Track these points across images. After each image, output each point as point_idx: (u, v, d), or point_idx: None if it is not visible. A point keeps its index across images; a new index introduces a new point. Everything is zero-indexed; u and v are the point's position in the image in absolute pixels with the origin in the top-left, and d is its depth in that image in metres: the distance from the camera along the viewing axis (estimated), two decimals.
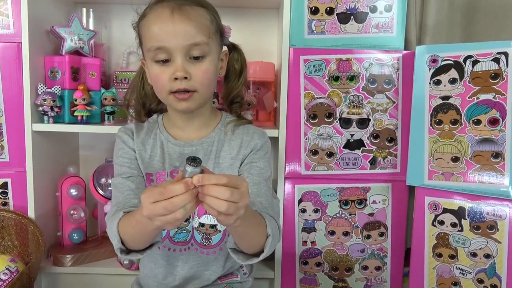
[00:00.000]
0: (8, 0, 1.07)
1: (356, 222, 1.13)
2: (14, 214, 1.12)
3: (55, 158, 1.22)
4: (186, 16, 0.78)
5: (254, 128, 0.92)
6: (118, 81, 1.26)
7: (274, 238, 0.77)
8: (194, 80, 0.80)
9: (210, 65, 0.82)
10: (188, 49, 0.79)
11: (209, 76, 0.82)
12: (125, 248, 0.76)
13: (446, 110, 1.00)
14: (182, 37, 0.78)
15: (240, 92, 0.96)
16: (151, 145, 0.89)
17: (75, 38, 1.12)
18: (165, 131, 0.91)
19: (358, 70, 1.08)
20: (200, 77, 0.80)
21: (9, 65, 1.09)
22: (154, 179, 0.89)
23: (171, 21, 0.77)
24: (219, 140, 0.89)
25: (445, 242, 1.03)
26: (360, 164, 1.11)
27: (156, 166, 0.89)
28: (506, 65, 0.94)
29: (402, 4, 1.08)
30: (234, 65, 0.93)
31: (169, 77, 0.79)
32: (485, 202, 0.98)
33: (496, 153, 0.96)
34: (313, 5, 1.08)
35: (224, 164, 0.88)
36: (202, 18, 0.80)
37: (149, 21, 0.80)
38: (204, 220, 0.88)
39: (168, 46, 0.78)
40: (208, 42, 0.80)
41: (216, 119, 0.92)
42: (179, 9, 0.78)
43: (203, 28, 0.80)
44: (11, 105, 1.10)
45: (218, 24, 0.85)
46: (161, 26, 0.78)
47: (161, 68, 0.80)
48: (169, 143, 0.89)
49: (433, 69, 1.01)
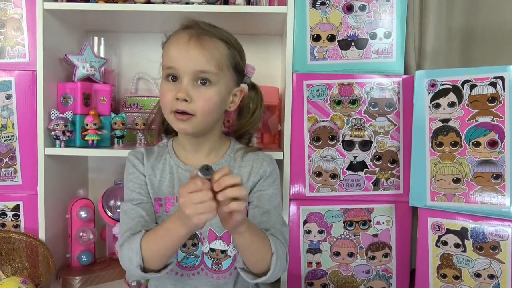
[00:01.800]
0: (24, 31, 1.13)
1: (360, 243, 1.14)
2: (25, 236, 1.14)
3: (65, 181, 1.26)
4: (201, 44, 0.83)
5: (263, 155, 0.95)
6: (128, 106, 1.30)
7: (279, 257, 0.80)
8: (194, 104, 0.83)
9: (215, 94, 0.85)
10: (195, 74, 0.83)
11: (211, 105, 0.85)
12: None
13: (446, 133, 1.03)
14: (192, 62, 0.83)
15: (251, 130, 0.99)
16: (161, 170, 0.92)
17: (87, 65, 1.17)
18: (175, 155, 0.93)
19: (359, 94, 1.11)
20: (200, 102, 0.83)
21: (24, 92, 1.13)
22: (163, 203, 0.91)
23: (186, 47, 0.83)
24: (229, 166, 0.90)
25: (449, 262, 1.04)
26: (364, 185, 1.13)
27: (165, 190, 0.91)
28: (502, 89, 0.97)
29: (401, 30, 1.12)
30: (250, 104, 0.97)
31: (173, 96, 0.84)
32: (487, 222, 0.99)
33: (496, 174, 0.98)
34: (315, 33, 1.12)
35: None
36: (216, 50, 0.85)
37: (169, 43, 0.87)
38: (214, 246, 0.90)
39: (178, 68, 0.84)
40: (217, 73, 0.84)
41: (225, 146, 0.95)
42: (197, 37, 0.84)
43: (215, 59, 0.84)
44: (24, 130, 1.15)
45: (236, 60, 0.89)
46: (177, 49, 0.85)
47: (168, 86, 0.85)
48: (179, 168, 0.92)
49: (432, 93, 1.04)
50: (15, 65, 1.14)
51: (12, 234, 1.14)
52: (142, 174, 0.91)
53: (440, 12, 1.16)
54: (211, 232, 0.90)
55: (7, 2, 1.13)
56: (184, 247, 0.91)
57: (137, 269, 0.78)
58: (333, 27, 1.12)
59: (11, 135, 1.15)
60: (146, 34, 1.36)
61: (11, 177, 1.16)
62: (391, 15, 1.12)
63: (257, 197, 0.91)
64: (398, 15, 1.12)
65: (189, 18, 0.90)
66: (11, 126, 1.14)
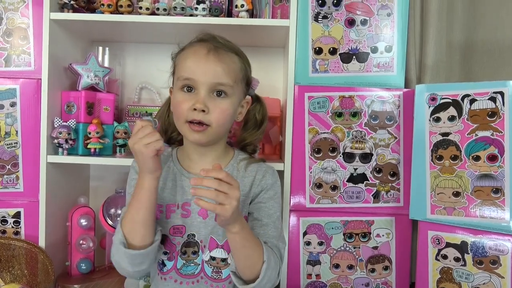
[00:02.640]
0: (31, 40, 1.15)
1: (360, 255, 1.14)
2: (25, 243, 1.14)
3: (66, 188, 1.26)
4: (219, 58, 0.86)
5: (266, 166, 0.96)
6: (130, 115, 1.32)
7: (270, 268, 0.82)
8: (210, 115, 0.85)
9: (230, 106, 0.88)
10: (213, 86, 0.86)
11: (226, 116, 0.87)
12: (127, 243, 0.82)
13: (446, 146, 1.04)
14: (211, 74, 0.85)
15: (255, 141, 1.00)
16: (164, 177, 0.93)
17: (91, 75, 1.18)
18: (179, 163, 0.94)
19: (360, 106, 1.12)
20: (217, 113, 0.86)
21: (28, 100, 1.15)
22: (163, 210, 0.92)
23: (205, 59, 0.86)
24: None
25: (449, 276, 1.03)
26: (364, 197, 1.13)
27: (166, 198, 0.92)
28: (502, 104, 0.97)
29: (402, 45, 1.14)
30: (256, 115, 0.99)
31: (189, 106, 0.85)
32: (487, 236, 0.99)
33: (496, 188, 0.98)
34: (317, 46, 1.14)
35: None
36: (233, 63, 0.89)
37: (187, 54, 0.89)
38: (215, 254, 0.91)
39: (196, 79, 0.85)
40: (233, 85, 0.88)
41: (229, 156, 0.96)
42: (215, 50, 0.87)
43: (231, 72, 0.87)
44: (28, 138, 1.15)
45: (247, 73, 0.93)
46: (195, 61, 0.86)
47: (184, 96, 0.87)
48: (182, 176, 0.93)
49: (432, 107, 1.05)
50: (20, 73, 1.15)
51: (12, 241, 1.15)
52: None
53: (440, 27, 1.18)
54: (212, 240, 0.91)
55: (15, 12, 1.15)
56: (184, 254, 0.92)
57: (120, 246, 0.81)
58: (334, 40, 1.14)
59: (15, 142, 1.16)
60: (150, 44, 1.38)
61: (13, 184, 1.16)
62: (392, 29, 1.13)
63: (256, 209, 0.92)
64: (399, 29, 1.13)
65: (205, 31, 0.93)
66: (15, 133, 1.15)
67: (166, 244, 0.92)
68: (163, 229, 0.91)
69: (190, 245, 0.92)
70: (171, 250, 0.92)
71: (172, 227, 0.92)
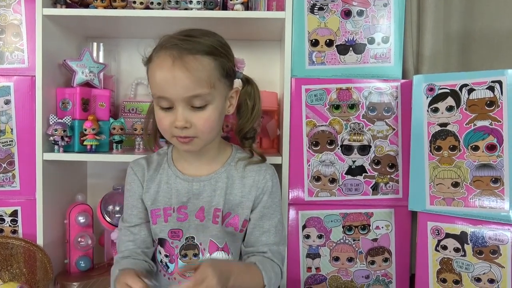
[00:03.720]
0: (24, 36, 1.13)
1: (360, 247, 1.14)
2: (23, 242, 1.14)
3: (63, 186, 1.25)
4: (186, 67, 0.78)
5: (266, 167, 0.93)
6: (126, 111, 1.31)
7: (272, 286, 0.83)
8: (194, 128, 0.81)
9: (213, 112, 0.82)
10: (188, 100, 0.80)
11: (211, 123, 0.83)
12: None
13: (445, 137, 1.03)
14: (181, 88, 0.79)
15: (254, 127, 0.95)
16: (158, 181, 0.91)
17: (86, 71, 1.17)
18: (173, 165, 0.92)
19: (358, 98, 1.12)
20: (201, 125, 0.81)
21: (23, 97, 1.14)
22: (161, 214, 0.90)
23: (171, 72, 0.78)
24: (229, 176, 0.90)
25: (449, 267, 1.03)
26: (363, 190, 1.13)
27: (162, 201, 0.91)
28: (500, 93, 0.97)
29: (399, 35, 1.13)
30: (247, 100, 0.92)
31: (170, 122, 0.82)
32: (487, 226, 0.99)
33: (495, 178, 0.98)
34: (313, 38, 1.13)
35: (234, 202, 0.90)
36: (203, 69, 0.80)
37: (153, 68, 0.82)
38: (215, 256, 0.90)
39: (169, 97, 0.80)
40: (210, 91, 0.81)
41: (225, 154, 0.93)
42: (180, 59, 0.79)
43: (204, 80, 0.80)
44: (23, 135, 1.15)
45: (226, 67, 0.84)
46: (162, 76, 0.80)
47: (164, 114, 0.83)
48: (177, 178, 0.91)
49: (430, 97, 1.05)
50: (14, 70, 1.14)
51: (10, 240, 1.14)
52: (138, 193, 0.92)
53: (437, 17, 1.17)
54: (212, 243, 0.90)
55: (7, 8, 1.13)
56: (185, 257, 0.91)
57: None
58: (331, 32, 1.13)
59: (10, 140, 1.15)
60: (145, 40, 1.36)
61: (9, 182, 1.15)
62: (389, 20, 1.12)
63: (258, 216, 0.90)
64: (396, 20, 1.12)
65: (165, 36, 0.84)
66: (10, 131, 1.14)
67: (166, 248, 0.92)
68: (162, 232, 0.91)
69: (190, 247, 0.90)
70: (170, 253, 0.92)
71: (170, 230, 0.90)
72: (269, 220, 0.90)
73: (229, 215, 0.90)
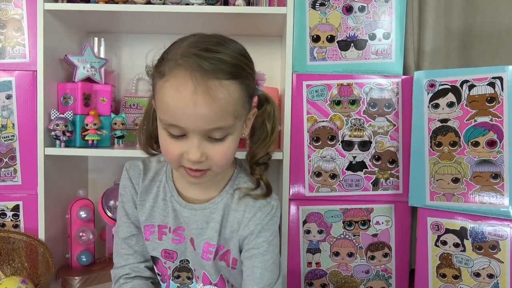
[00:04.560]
0: (25, 31, 1.13)
1: (360, 243, 1.14)
2: (24, 236, 1.14)
3: (65, 181, 1.26)
4: (211, 97, 0.64)
5: (261, 204, 0.79)
6: (128, 106, 1.31)
7: None
8: (209, 161, 0.70)
9: (232, 143, 0.71)
10: (207, 132, 0.68)
11: (229, 156, 0.72)
12: None
13: (445, 133, 1.04)
14: (203, 121, 0.66)
15: (269, 152, 0.81)
16: (154, 195, 0.82)
17: (87, 66, 1.17)
18: (172, 180, 0.82)
19: (359, 94, 1.12)
20: (218, 158, 0.70)
21: (24, 92, 1.14)
22: (155, 231, 0.83)
23: (193, 103, 0.64)
24: (225, 206, 0.80)
25: (449, 262, 1.04)
26: (363, 185, 1.14)
27: (158, 218, 0.82)
28: (501, 89, 0.97)
29: (400, 31, 1.13)
30: (266, 123, 0.79)
31: (180, 152, 0.69)
32: (486, 222, 1.00)
33: (495, 174, 0.99)
34: (315, 33, 1.13)
35: (226, 235, 0.80)
36: (229, 98, 0.66)
37: (167, 89, 0.66)
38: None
39: (185, 127, 0.67)
40: (234, 123, 0.69)
41: (226, 177, 0.81)
42: (204, 85, 0.64)
43: (229, 112, 0.67)
44: (24, 130, 1.15)
45: (250, 88, 0.71)
46: (180, 104, 0.65)
47: (172, 141, 0.69)
48: (172, 197, 0.81)
49: (431, 93, 1.05)
50: (15, 65, 1.14)
51: (12, 234, 1.14)
52: (130, 199, 0.84)
53: (438, 13, 1.17)
54: (205, 276, 0.84)
55: (8, 3, 1.13)
56: (177, 278, 0.85)
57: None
58: (332, 28, 1.13)
59: (11, 135, 1.15)
60: (146, 35, 1.37)
61: (11, 177, 1.16)
62: (390, 16, 1.12)
63: (249, 257, 0.78)
64: (397, 16, 1.12)
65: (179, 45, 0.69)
66: (11, 126, 1.14)
67: (158, 266, 0.86)
68: (155, 250, 0.84)
69: (184, 270, 0.85)
70: (162, 273, 0.86)
71: (164, 250, 0.83)
72: (263, 261, 0.78)
73: (222, 248, 0.81)
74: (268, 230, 0.78)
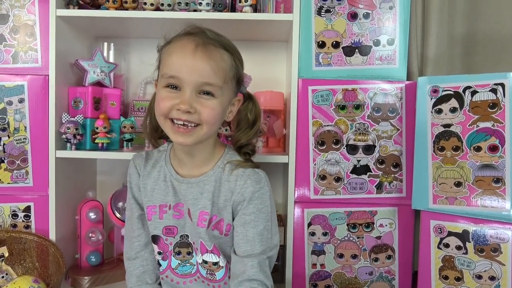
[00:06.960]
0: (37, 36, 1.16)
1: (364, 245, 1.16)
2: (35, 237, 1.17)
3: (75, 183, 1.28)
4: (208, 55, 0.80)
5: (250, 172, 0.88)
6: (136, 109, 1.34)
7: None
8: (199, 114, 0.81)
9: (218, 105, 0.82)
10: (200, 86, 0.80)
11: (215, 114, 0.83)
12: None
13: (448, 137, 1.06)
14: (198, 73, 0.79)
15: (250, 141, 0.94)
16: (155, 177, 0.93)
17: (98, 70, 1.20)
18: (170, 163, 0.93)
19: (363, 99, 1.14)
20: (206, 113, 0.81)
21: (36, 96, 1.16)
22: (157, 211, 0.92)
23: (193, 56, 0.79)
24: (216, 179, 0.88)
25: (451, 264, 1.06)
26: (367, 188, 1.16)
27: (158, 198, 0.92)
28: (503, 95, 0.99)
29: (404, 38, 1.15)
30: (248, 115, 0.93)
31: (172, 104, 0.80)
32: (488, 225, 1.01)
33: (497, 178, 1.00)
34: (320, 39, 1.15)
35: (220, 205, 0.88)
36: (223, 61, 0.82)
37: (172, 49, 0.82)
38: (206, 258, 0.90)
39: (182, 78, 0.80)
40: (222, 86, 0.82)
41: (218, 154, 0.91)
42: (204, 46, 0.80)
43: (221, 71, 0.81)
44: (36, 133, 1.17)
45: (238, 71, 0.87)
46: (181, 57, 0.80)
47: (168, 94, 0.81)
48: (171, 176, 0.91)
49: (434, 99, 1.07)
50: (27, 69, 1.17)
51: (23, 235, 1.17)
52: (137, 186, 0.95)
53: (442, 19, 1.19)
54: (202, 244, 0.90)
55: (21, 9, 1.16)
56: (178, 254, 0.92)
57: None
58: (337, 34, 1.15)
59: (23, 138, 1.18)
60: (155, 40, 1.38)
61: (23, 179, 1.18)
62: (394, 22, 1.14)
63: (241, 223, 0.87)
64: (401, 22, 1.14)
65: (193, 24, 0.86)
66: (24, 129, 1.17)
67: (160, 244, 0.93)
68: (156, 229, 0.92)
69: (184, 245, 0.92)
70: (164, 250, 0.93)
71: (165, 227, 0.92)
72: (254, 228, 0.86)
73: (215, 218, 0.89)
74: (259, 198, 0.87)
